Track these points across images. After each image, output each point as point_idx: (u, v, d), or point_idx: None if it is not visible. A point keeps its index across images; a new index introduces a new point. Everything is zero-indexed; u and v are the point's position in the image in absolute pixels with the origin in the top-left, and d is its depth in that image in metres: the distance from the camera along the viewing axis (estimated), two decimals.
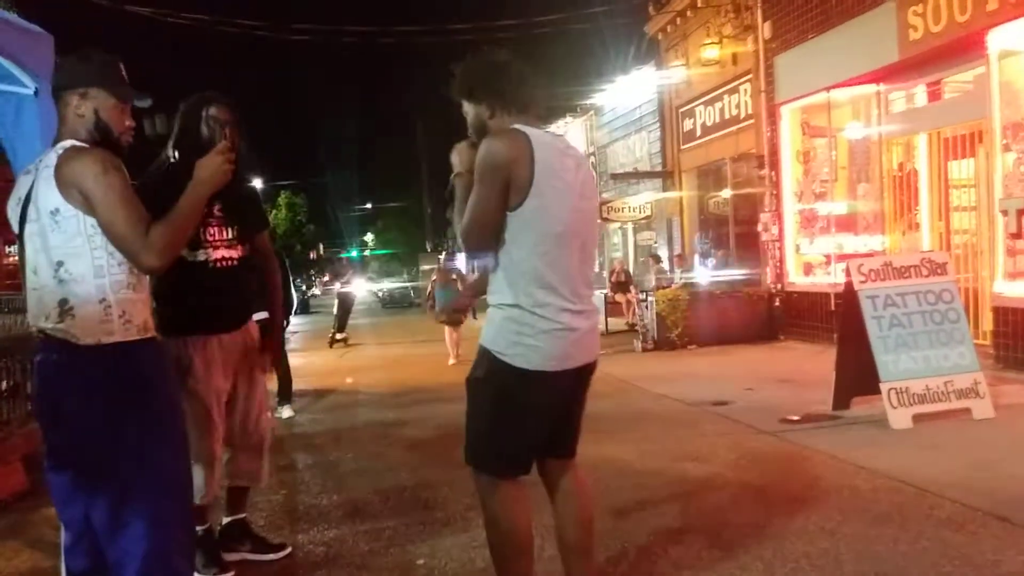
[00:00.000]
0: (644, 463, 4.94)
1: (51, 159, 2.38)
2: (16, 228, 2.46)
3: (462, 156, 2.61)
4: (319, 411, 7.79)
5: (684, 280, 13.35)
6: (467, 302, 3.38)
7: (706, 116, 14.14)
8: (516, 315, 2.47)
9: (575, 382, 2.60)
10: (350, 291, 15.53)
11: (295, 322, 15.28)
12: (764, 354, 10.09)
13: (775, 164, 11.56)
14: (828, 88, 10.23)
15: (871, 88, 9.83)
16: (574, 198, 2.51)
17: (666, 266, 15.29)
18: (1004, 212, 7.45)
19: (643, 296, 11.85)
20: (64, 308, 2.35)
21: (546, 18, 17.10)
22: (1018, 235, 7.35)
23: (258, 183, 28.68)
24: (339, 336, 14.46)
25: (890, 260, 6.05)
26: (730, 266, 13.40)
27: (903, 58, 8.80)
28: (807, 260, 11.29)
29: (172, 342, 3.19)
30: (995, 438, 5.08)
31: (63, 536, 2.50)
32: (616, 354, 11.25)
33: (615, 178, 17.65)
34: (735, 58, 12.70)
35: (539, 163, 2.42)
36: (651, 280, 14.57)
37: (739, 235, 13.59)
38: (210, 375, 3.27)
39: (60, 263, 2.35)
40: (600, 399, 7.27)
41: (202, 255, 3.27)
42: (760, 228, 11.91)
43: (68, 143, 2.42)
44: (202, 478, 3.24)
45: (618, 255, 18.62)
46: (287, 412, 7.35)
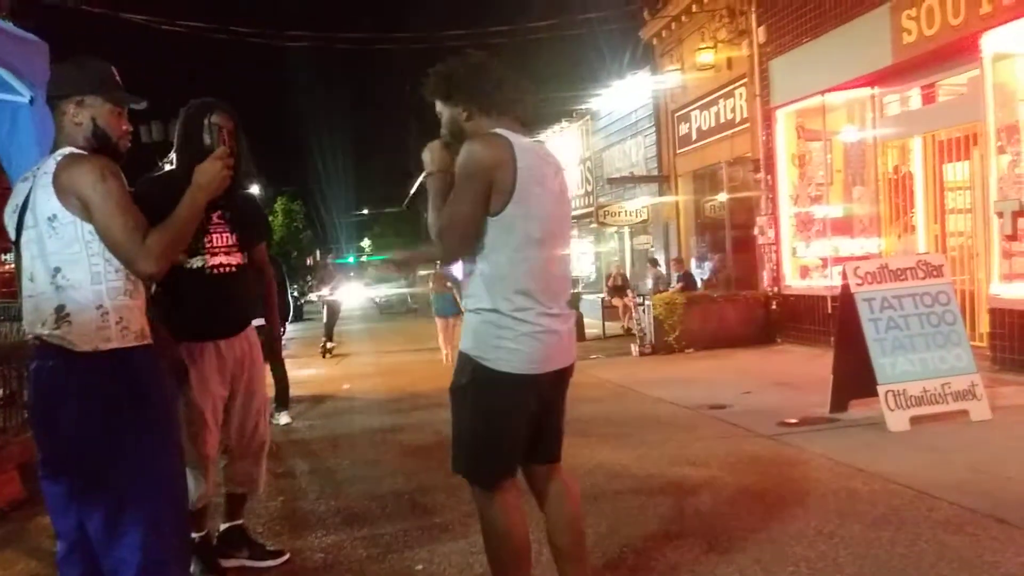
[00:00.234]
0: (642, 467, 4.94)
1: (50, 166, 2.38)
2: (13, 235, 2.46)
3: (435, 155, 2.58)
4: (316, 417, 7.78)
5: (681, 284, 13.36)
6: (396, 265, 3.18)
7: (701, 120, 14.16)
8: (495, 319, 2.47)
9: (555, 385, 2.61)
10: (336, 299, 14.66)
11: (290, 329, 15.10)
12: (761, 357, 10.09)
13: (771, 168, 11.58)
14: (823, 92, 10.27)
15: (866, 91, 9.87)
16: (553, 204, 2.52)
17: (663, 270, 15.30)
18: (999, 214, 7.47)
19: (640, 300, 11.86)
20: (61, 315, 2.34)
21: (541, 23, 17.14)
22: (1013, 237, 7.37)
23: (255, 189, 28.67)
24: (329, 344, 14.04)
25: (886, 263, 6.06)
26: (727, 270, 13.41)
27: (897, 61, 8.83)
28: (803, 263, 11.32)
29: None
30: (992, 440, 5.09)
31: (58, 546, 2.49)
32: (613, 358, 11.28)
33: (611, 183, 17.67)
34: (730, 62, 12.73)
35: (521, 169, 2.41)
36: (648, 284, 14.58)
37: (735, 239, 13.61)
38: (207, 381, 3.26)
39: (57, 269, 2.35)
40: (597, 403, 7.39)
41: (199, 261, 3.26)
42: (756, 232, 11.94)
43: (67, 150, 2.42)
44: (196, 484, 3.23)
45: (615, 260, 18.62)
46: (284, 419, 7.34)
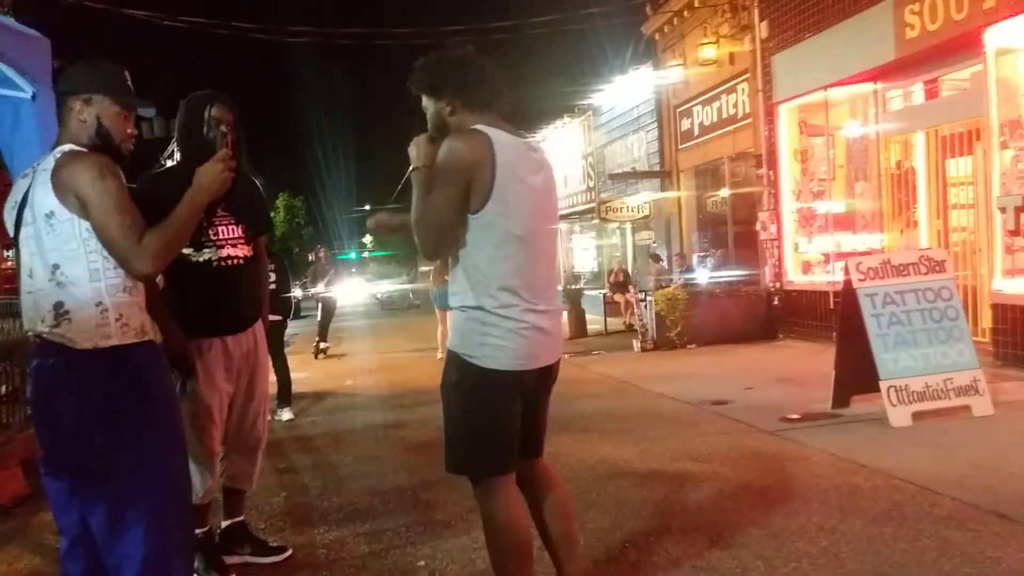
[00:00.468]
0: (644, 462, 4.94)
1: (49, 163, 2.37)
2: (12, 231, 2.46)
3: (420, 150, 2.54)
4: (318, 413, 7.79)
5: (684, 279, 13.36)
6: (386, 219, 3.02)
7: (704, 116, 14.14)
8: (480, 316, 2.46)
9: (540, 382, 2.62)
10: (332, 295, 13.36)
11: (291, 326, 14.80)
12: (763, 353, 10.09)
13: (773, 163, 11.56)
14: (825, 87, 10.24)
15: (868, 87, 9.84)
16: (536, 200, 2.50)
17: (666, 265, 15.29)
18: (1002, 209, 7.45)
19: (642, 296, 11.85)
20: (60, 312, 2.35)
21: (543, 19, 17.11)
22: (1016, 232, 7.36)
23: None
24: (323, 344, 13.08)
25: (889, 258, 6.05)
26: (728, 265, 13.39)
27: (900, 56, 8.81)
28: (806, 259, 11.30)
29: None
30: (995, 435, 5.09)
31: (61, 542, 2.50)
32: (615, 354, 11.27)
33: (613, 178, 17.64)
34: (732, 58, 12.71)
35: (500, 166, 2.38)
36: (651, 280, 14.56)
37: (737, 234, 13.59)
38: (214, 377, 3.24)
39: (56, 266, 2.35)
40: (599, 399, 7.39)
41: (207, 254, 3.23)
42: (758, 227, 11.91)
43: (67, 147, 2.42)
44: (200, 479, 3.23)
45: (617, 255, 18.60)
46: (287, 415, 7.35)
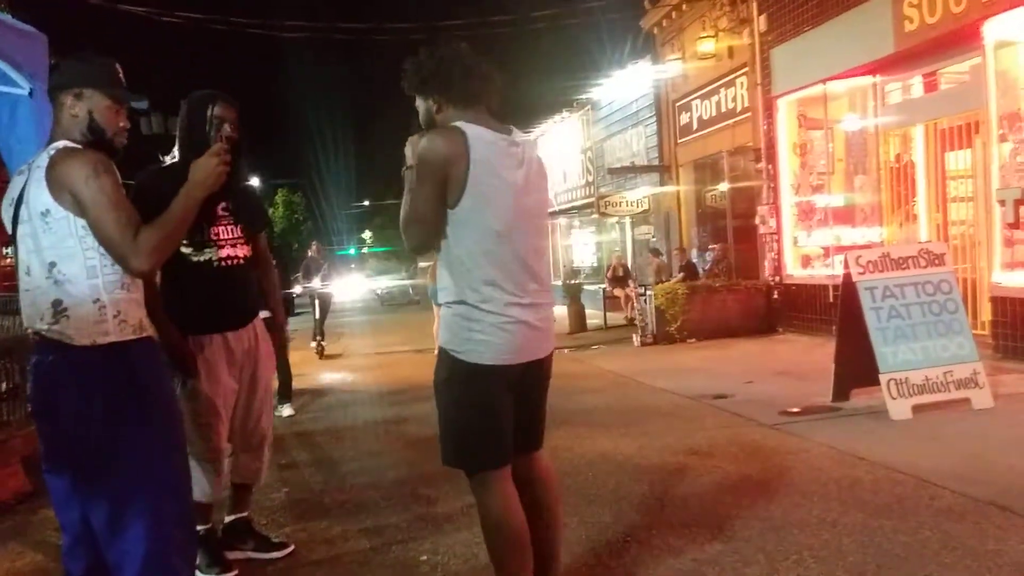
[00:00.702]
0: (644, 457, 4.94)
1: (43, 160, 2.37)
2: (9, 229, 2.46)
3: (415, 149, 2.57)
4: (319, 409, 7.80)
5: (683, 274, 13.35)
6: None
7: (702, 110, 14.12)
8: (463, 311, 2.50)
9: (531, 376, 2.63)
10: (327, 291, 12.63)
11: (291, 322, 14.55)
12: (763, 347, 10.09)
13: (772, 157, 11.55)
14: (824, 80, 10.22)
15: (867, 80, 9.82)
16: (516, 195, 2.51)
17: (666, 260, 15.29)
18: (1001, 202, 7.45)
19: (642, 290, 11.85)
20: (58, 309, 2.35)
21: (542, 13, 17.12)
22: (1015, 225, 7.36)
23: (255, 182, 28.64)
24: (324, 343, 12.46)
25: (888, 251, 6.05)
26: (728, 259, 13.39)
27: (899, 50, 8.80)
28: (805, 252, 11.30)
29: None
30: (995, 428, 5.09)
31: (62, 539, 2.50)
32: (615, 348, 11.28)
33: (612, 173, 17.63)
34: (731, 51, 12.69)
35: (475, 162, 2.41)
36: (651, 274, 14.55)
37: (737, 228, 13.59)
38: (218, 374, 3.26)
39: (53, 264, 2.35)
40: (599, 393, 7.40)
41: (208, 254, 3.26)
42: (758, 221, 11.91)
43: (61, 144, 2.41)
44: (209, 477, 3.25)
45: (616, 250, 18.60)
46: (288, 411, 7.35)
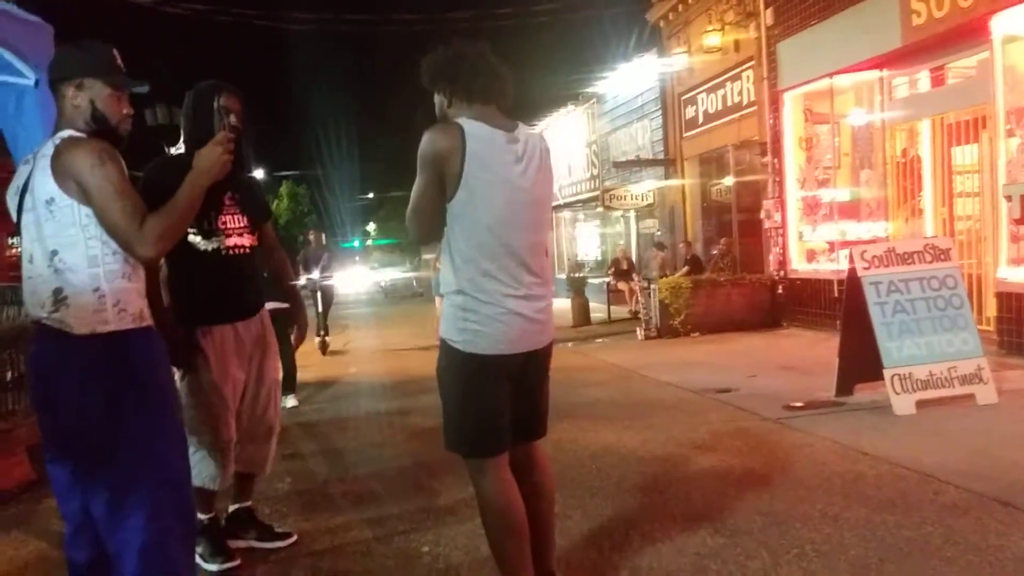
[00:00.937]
0: (648, 450, 4.95)
1: (48, 149, 2.39)
2: (14, 217, 2.47)
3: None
4: (323, 400, 7.81)
5: (688, 268, 13.34)
6: None
7: (708, 103, 14.07)
8: (460, 301, 2.57)
9: (530, 367, 2.67)
10: (330, 283, 11.65)
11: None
12: (767, 341, 10.08)
13: (778, 151, 11.51)
14: (831, 74, 10.18)
15: (874, 74, 9.78)
16: (510, 190, 2.56)
17: (670, 254, 15.26)
18: (1008, 198, 7.41)
19: (646, 284, 11.84)
20: (58, 297, 2.36)
21: (547, 6, 17.06)
22: (1022, 221, 7.32)
23: (260, 173, 28.66)
24: (328, 339, 11.67)
25: (893, 246, 6.03)
26: (733, 253, 13.36)
27: (906, 44, 8.75)
28: (810, 247, 11.27)
29: (188, 332, 3.21)
30: (999, 424, 5.09)
31: (65, 528, 2.51)
32: (619, 342, 11.28)
33: (617, 166, 17.59)
34: (737, 45, 12.64)
35: (469, 156, 2.48)
36: (655, 268, 14.54)
37: (742, 222, 13.55)
38: (226, 364, 3.27)
39: (55, 252, 2.36)
40: (603, 387, 7.41)
41: (215, 243, 3.26)
42: (763, 215, 11.88)
43: (66, 133, 2.43)
44: (216, 466, 3.26)
45: (621, 243, 18.58)
46: (291, 402, 7.37)
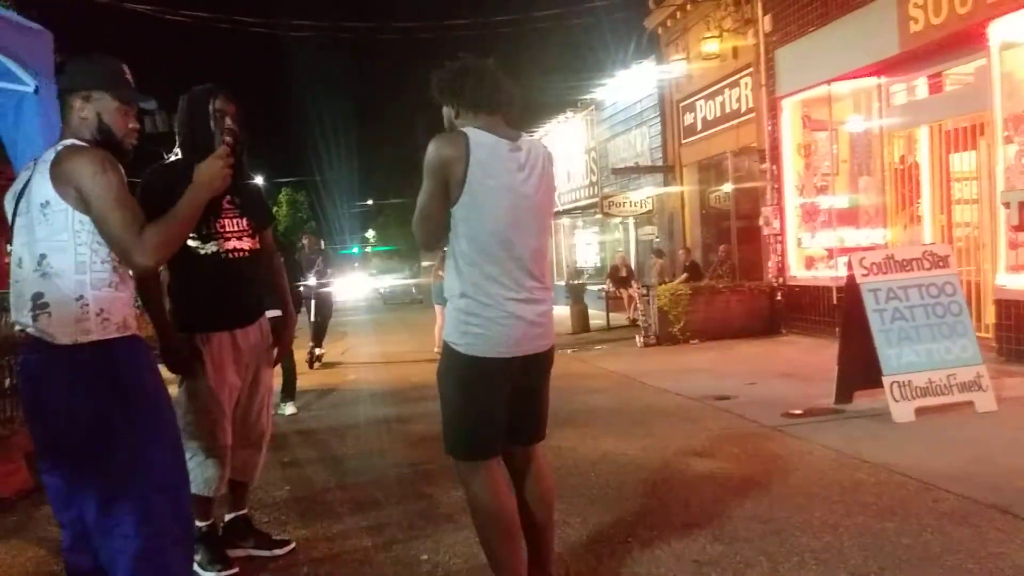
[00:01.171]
0: (647, 458, 4.94)
1: (49, 155, 2.40)
2: (10, 221, 2.48)
3: None
4: (322, 408, 7.80)
5: (687, 275, 13.33)
6: None
7: (707, 110, 14.10)
8: (464, 305, 2.62)
9: (531, 370, 2.72)
10: (327, 291, 10.75)
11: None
12: (766, 348, 10.08)
13: (776, 158, 11.54)
14: (829, 81, 10.21)
15: (872, 81, 9.81)
16: (513, 196, 2.62)
17: (668, 261, 15.26)
18: (1006, 204, 7.42)
19: (645, 291, 11.84)
20: (38, 303, 2.35)
21: (546, 12, 17.10)
22: (1020, 228, 7.33)
23: (259, 180, 28.65)
24: (318, 350, 10.80)
25: (892, 253, 6.03)
26: (731, 260, 13.37)
27: (904, 51, 8.78)
28: (809, 254, 11.28)
29: (186, 338, 3.20)
30: (998, 431, 5.08)
31: (63, 536, 2.50)
32: (617, 349, 11.27)
33: (616, 173, 17.61)
34: (735, 52, 12.67)
35: (473, 163, 2.55)
36: (654, 275, 14.53)
37: (740, 229, 13.57)
38: (223, 371, 3.26)
39: (43, 256, 2.35)
40: (602, 394, 7.40)
41: (213, 247, 3.24)
42: (761, 222, 11.89)
43: (69, 141, 2.44)
44: (214, 472, 3.25)
45: (620, 250, 18.59)
46: (290, 409, 7.35)
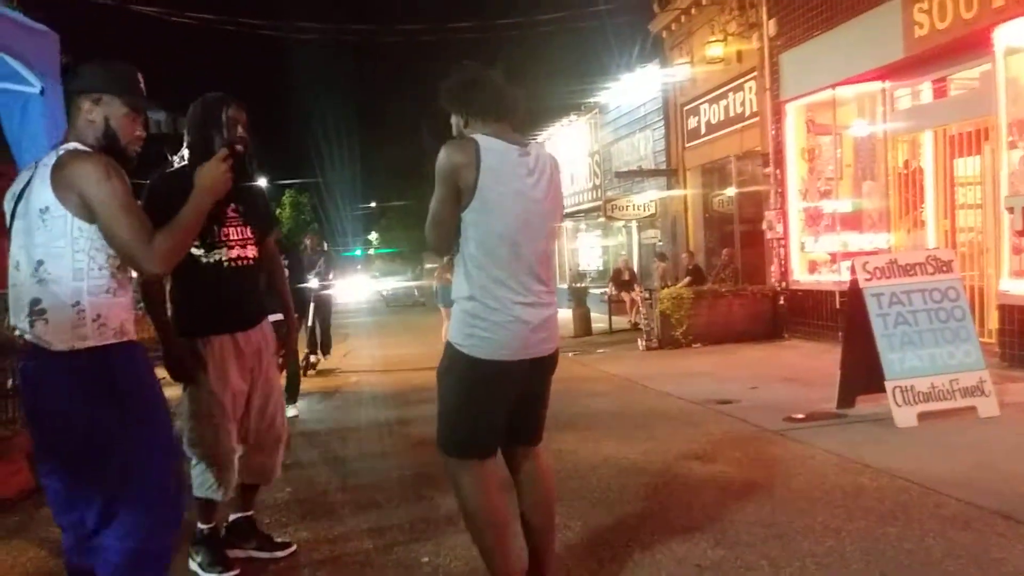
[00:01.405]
0: (649, 461, 4.94)
1: (51, 159, 2.38)
2: (8, 222, 2.48)
3: None
4: (324, 410, 7.81)
5: (690, 279, 13.33)
6: None
7: (711, 114, 14.10)
8: (470, 308, 2.66)
9: (533, 373, 2.76)
10: (327, 293, 10.34)
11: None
12: (769, 352, 10.07)
13: (780, 162, 11.53)
14: (833, 85, 10.20)
15: (876, 85, 9.80)
16: (522, 201, 2.67)
17: (671, 264, 15.26)
18: (1010, 210, 7.42)
19: (647, 294, 11.84)
20: (34, 308, 2.34)
21: (550, 16, 17.13)
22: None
23: (262, 182, 28.71)
24: (313, 357, 10.30)
25: (895, 258, 6.02)
26: (734, 264, 13.36)
27: (908, 55, 8.78)
28: (812, 258, 11.27)
29: (189, 343, 3.22)
30: (1000, 436, 5.07)
31: (63, 538, 2.51)
32: (619, 353, 11.27)
33: (619, 176, 17.61)
34: (740, 56, 12.67)
35: (484, 169, 2.60)
36: (657, 279, 14.53)
37: (744, 233, 13.56)
38: (226, 374, 3.27)
39: (40, 262, 2.35)
40: (603, 397, 7.40)
41: (217, 255, 3.27)
42: (765, 226, 11.89)
43: (71, 145, 2.42)
44: (219, 476, 3.27)
45: (623, 254, 18.59)
46: (292, 411, 7.34)
